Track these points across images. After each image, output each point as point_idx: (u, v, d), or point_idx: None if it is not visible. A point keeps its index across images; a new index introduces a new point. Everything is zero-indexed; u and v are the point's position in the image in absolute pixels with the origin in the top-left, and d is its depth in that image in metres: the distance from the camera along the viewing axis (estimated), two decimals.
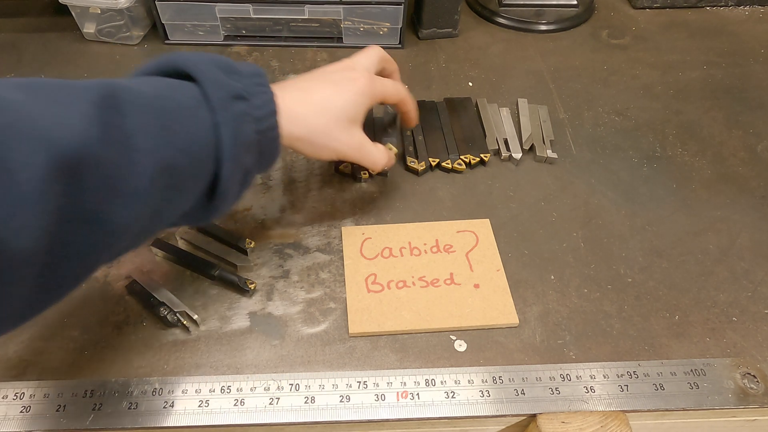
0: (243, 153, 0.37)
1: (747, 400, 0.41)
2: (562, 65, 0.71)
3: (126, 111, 0.32)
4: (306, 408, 0.40)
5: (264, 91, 0.39)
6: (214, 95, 0.36)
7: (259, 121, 0.38)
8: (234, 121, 0.36)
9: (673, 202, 0.55)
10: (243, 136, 0.37)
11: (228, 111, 0.36)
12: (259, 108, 0.38)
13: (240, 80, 0.38)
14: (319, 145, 0.44)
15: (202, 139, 0.35)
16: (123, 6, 0.67)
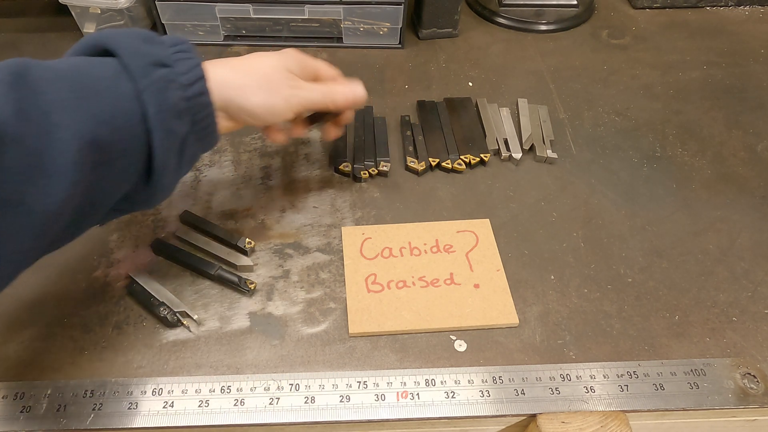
0: (172, 120, 0.36)
1: (747, 400, 0.41)
2: (562, 65, 0.71)
3: (41, 88, 0.31)
4: (306, 408, 0.40)
5: (189, 58, 0.38)
6: (133, 63, 0.35)
7: (186, 87, 0.37)
8: (157, 88, 0.35)
9: (673, 202, 0.55)
10: (169, 102, 0.35)
11: (149, 77, 0.35)
12: (184, 74, 0.37)
13: (162, 49, 0.37)
14: (260, 99, 0.42)
15: (126, 110, 0.34)
16: (123, 6, 0.67)
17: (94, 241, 0.51)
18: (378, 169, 0.57)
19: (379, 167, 0.57)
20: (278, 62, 0.44)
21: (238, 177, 0.57)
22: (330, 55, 0.72)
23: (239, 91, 0.41)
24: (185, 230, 0.51)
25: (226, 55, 0.72)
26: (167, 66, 0.36)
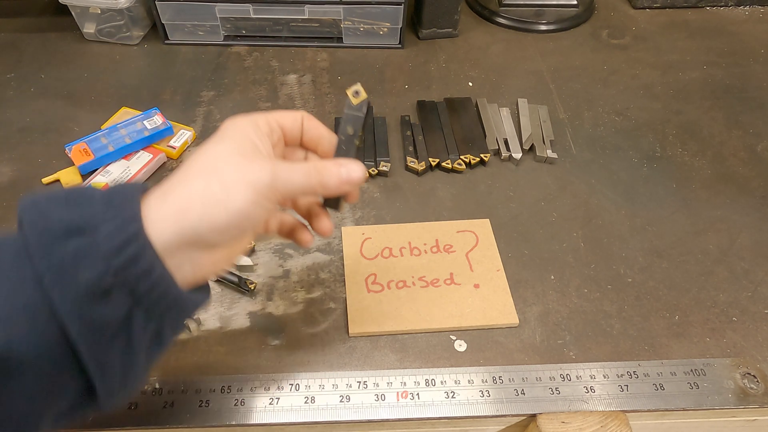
0: (93, 306, 0.26)
1: (747, 400, 0.41)
2: (562, 65, 0.71)
3: None
4: (306, 408, 0.40)
5: (117, 215, 0.27)
6: (33, 238, 0.26)
7: (112, 255, 0.26)
8: (61, 267, 0.26)
9: (673, 202, 0.55)
10: (82, 283, 0.26)
11: (52, 255, 0.26)
12: (108, 238, 0.26)
13: (83, 208, 0.27)
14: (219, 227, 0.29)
15: (26, 302, 0.25)
16: (123, 6, 0.67)
17: None
18: (378, 169, 0.57)
19: (379, 167, 0.57)
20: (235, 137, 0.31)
21: None
22: (330, 54, 0.72)
23: (193, 217, 0.28)
24: None
25: (226, 55, 0.72)
26: (84, 231, 0.27)
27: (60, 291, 0.26)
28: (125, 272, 0.27)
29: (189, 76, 0.68)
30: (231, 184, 0.29)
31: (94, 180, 0.54)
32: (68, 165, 0.56)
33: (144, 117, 0.59)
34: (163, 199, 0.29)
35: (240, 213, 0.29)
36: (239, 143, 0.31)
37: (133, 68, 0.70)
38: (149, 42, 0.73)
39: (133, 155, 0.57)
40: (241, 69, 0.70)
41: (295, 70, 0.70)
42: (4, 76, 0.68)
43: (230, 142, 0.31)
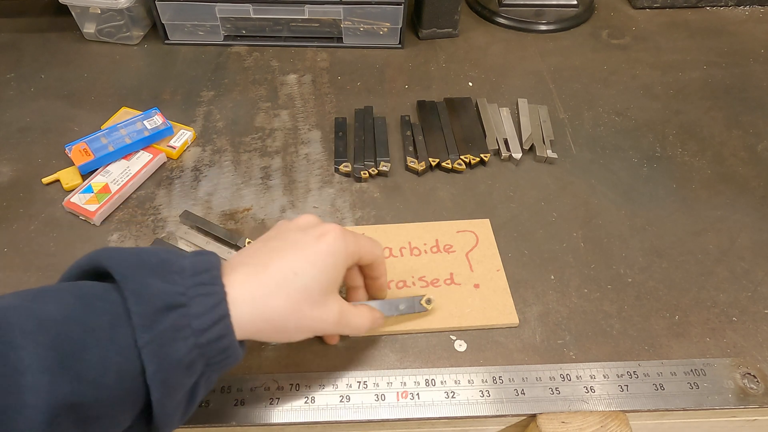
0: (178, 375, 0.30)
1: (747, 400, 0.41)
2: (562, 65, 0.71)
3: (16, 344, 0.27)
4: (306, 408, 0.40)
5: (208, 293, 0.31)
6: (136, 309, 0.29)
7: (201, 333, 0.31)
8: (162, 341, 0.29)
9: (673, 202, 0.55)
10: (175, 356, 0.30)
11: (154, 329, 0.29)
12: (200, 316, 0.31)
13: (176, 285, 0.31)
14: (288, 331, 0.35)
15: (120, 366, 0.29)
16: (123, 6, 0.67)
17: (94, 242, 0.51)
18: (378, 169, 0.57)
19: (379, 167, 0.57)
20: (324, 267, 0.35)
21: (238, 177, 0.57)
22: (330, 55, 0.72)
23: (264, 335, 0.34)
24: (185, 230, 0.51)
25: (226, 55, 0.72)
26: (180, 307, 0.30)
27: (156, 362, 0.29)
28: (209, 347, 0.31)
29: (189, 76, 0.68)
30: (304, 328, 0.36)
31: (94, 180, 0.54)
32: (68, 165, 0.56)
33: (144, 117, 0.59)
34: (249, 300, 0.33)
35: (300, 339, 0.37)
36: (324, 280, 0.35)
37: (133, 68, 0.70)
38: (149, 42, 0.73)
39: (133, 155, 0.57)
40: (241, 69, 0.70)
41: (295, 70, 0.70)
42: (4, 76, 0.68)
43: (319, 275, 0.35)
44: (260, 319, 0.33)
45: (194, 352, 0.30)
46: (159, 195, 0.55)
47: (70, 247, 0.50)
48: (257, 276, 0.34)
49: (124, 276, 0.30)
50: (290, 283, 0.34)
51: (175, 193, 0.55)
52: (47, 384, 0.26)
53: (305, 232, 0.37)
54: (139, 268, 0.31)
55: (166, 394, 0.30)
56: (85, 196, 0.53)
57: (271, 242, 0.37)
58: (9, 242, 0.51)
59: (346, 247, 0.37)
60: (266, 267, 0.34)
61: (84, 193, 0.53)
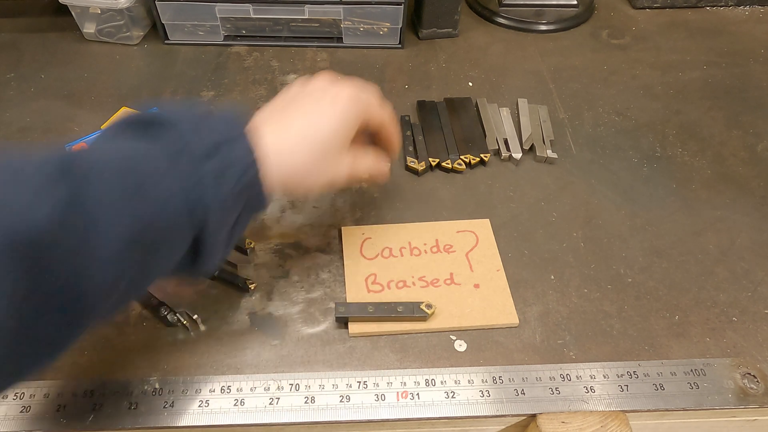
0: (224, 212, 0.35)
1: (747, 400, 0.41)
2: (562, 65, 0.71)
3: (90, 181, 0.29)
4: (306, 408, 0.40)
5: (242, 139, 0.36)
6: (183, 157, 0.33)
7: (243, 172, 0.35)
8: (207, 183, 0.33)
9: (673, 202, 0.55)
10: (225, 189, 0.34)
11: (199, 173, 0.33)
12: (237, 161, 0.35)
13: (214, 132, 0.35)
14: (307, 183, 0.40)
15: (177, 204, 0.32)
16: (123, 6, 0.67)
17: None
18: None
19: None
20: (340, 125, 0.41)
21: None
22: (330, 54, 0.72)
23: (291, 183, 0.40)
24: None
25: (226, 55, 0.72)
26: (227, 147, 0.35)
27: (212, 192, 0.33)
28: (247, 187, 0.36)
29: (189, 76, 0.68)
30: (321, 180, 0.41)
31: None
32: None
33: None
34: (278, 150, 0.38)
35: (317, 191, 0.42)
36: (343, 133, 0.41)
37: (133, 68, 0.70)
38: (149, 42, 0.73)
39: None
40: (241, 69, 0.70)
41: (295, 70, 0.70)
42: (4, 76, 0.68)
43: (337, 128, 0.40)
44: (285, 171, 0.38)
45: (237, 188, 0.35)
46: None
47: None
48: (282, 133, 0.38)
49: (182, 118, 0.35)
50: (311, 141, 0.39)
51: None
52: (118, 216, 0.30)
53: (323, 93, 0.41)
54: (192, 114, 0.36)
55: (216, 225, 0.34)
56: None
57: (292, 103, 0.41)
58: None
59: (358, 105, 0.42)
60: (290, 126, 0.39)
61: None
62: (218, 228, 0.35)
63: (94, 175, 0.30)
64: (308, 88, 0.42)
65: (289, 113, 0.40)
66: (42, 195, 0.28)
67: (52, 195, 0.28)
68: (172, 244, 0.34)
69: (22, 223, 0.27)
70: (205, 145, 0.34)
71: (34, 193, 0.28)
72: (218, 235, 0.35)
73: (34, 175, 0.28)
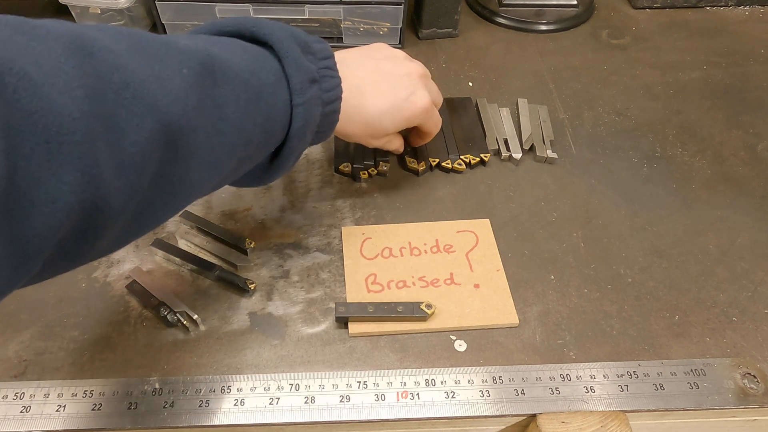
0: (308, 132, 0.40)
1: (747, 400, 0.41)
2: (562, 65, 0.71)
3: (221, 82, 0.33)
4: (306, 408, 0.40)
5: (333, 75, 0.41)
6: (294, 77, 0.37)
7: (326, 105, 0.40)
8: (307, 104, 0.38)
9: (673, 202, 0.55)
10: (311, 118, 0.39)
11: (304, 94, 0.38)
12: (327, 92, 0.40)
13: (314, 62, 0.40)
14: (353, 138, 0.48)
15: (278, 117, 0.37)
16: (123, 6, 0.67)
17: None
18: (378, 169, 0.57)
19: (378, 167, 0.57)
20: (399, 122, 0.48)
21: None
22: None
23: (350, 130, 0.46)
24: (186, 230, 0.51)
25: None
26: (317, 82, 0.39)
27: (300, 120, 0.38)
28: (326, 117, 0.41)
29: None
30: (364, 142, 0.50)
31: None
32: None
33: None
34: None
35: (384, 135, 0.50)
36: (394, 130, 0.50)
37: None
38: None
39: None
40: None
41: None
42: None
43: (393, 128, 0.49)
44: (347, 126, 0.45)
45: (319, 118, 0.40)
46: None
47: None
48: (354, 100, 0.44)
49: (282, 46, 0.38)
50: (372, 124, 0.47)
51: None
52: (238, 119, 0.34)
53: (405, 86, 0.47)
54: (292, 44, 0.38)
55: (297, 144, 0.40)
56: None
57: (372, 74, 0.47)
58: None
59: (422, 118, 0.49)
60: (364, 100, 0.45)
61: None
62: (298, 145, 0.40)
63: (226, 77, 0.33)
64: (390, 65, 0.48)
65: (367, 86, 0.46)
66: (189, 86, 0.31)
67: (196, 87, 0.31)
68: (265, 151, 0.39)
69: (176, 107, 0.30)
70: (310, 73, 0.38)
71: (183, 83, 0.31)
72: (296, 151, 0.40)
73: (182, 64, 0.31)
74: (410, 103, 0.47)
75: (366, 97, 0.45)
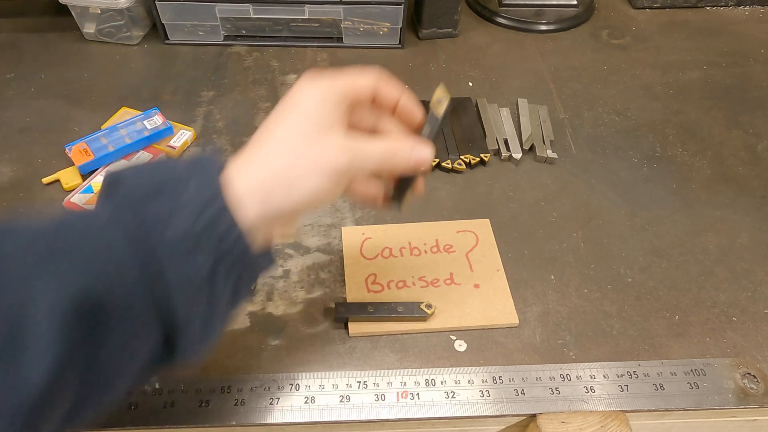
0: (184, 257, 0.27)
1: (747, 400, 0.41)
2: (562, 65, 0.71)
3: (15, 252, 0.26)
4: (306, 408, 0.40)
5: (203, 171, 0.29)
6: (123, 202, 0.28)
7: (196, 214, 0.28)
8: (149, 226, 0.27)
9: (673, 202, 0.55)
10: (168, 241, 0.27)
11: (139, 215, 0.27)
12: (193, 197, 0.28)
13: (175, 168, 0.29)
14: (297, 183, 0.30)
15: (119, 260, 0.27)
16: (123, 6, 0.67)
17: None
18: None
19: None
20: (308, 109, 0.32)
21: None
22: (330, 55, 0.72)
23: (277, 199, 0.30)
24: None
25: (226, 55, 0.72)
26: (172, 191, 0.28)
27: (145, 249, 0.27)
28: (210, 229, 0.28)
29: (189, 76, 0.68)
30: (311, 169, 0.31)
31: (95, 180, 0.54)
32: (68, 165, 0.56)
33: (144, 117, 0.59)
34: (246, 169, 0.30)
35: (319, 196, 0.31)
36: (314, 116, 0.32)
37: (133, 68, 0.70)
38: (149, 42, 0.73)
39: (133, 155, 0.57)
40: (241, 69, 0.70)
41: (295, 70, 0.70)
42: (4, 76, 0.68)
43: (304, 114, 0.32)
44: (264, 181, 0.30)
45: (192, 236, 0.27)
46: None
47: None
48: (255, 161, 0.31)
49: (112, 180, 0.29)
50: (279, 136, 0.31)
51: None
52: (51, 283, 0.25)
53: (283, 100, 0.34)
54: (129, 171, 0.30)
55: (177, 283, 0.27)
56: (86, 196, 0.53)
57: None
58: None
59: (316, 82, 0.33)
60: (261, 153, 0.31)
61: (84, 193, 0.53)
62: (179, 288, 0.28)
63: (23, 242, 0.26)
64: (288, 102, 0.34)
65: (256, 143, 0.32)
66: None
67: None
68: (128, 315, 0.27)
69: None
70: (152, 184, 0.28)
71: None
72: (186, 299, 0.28)
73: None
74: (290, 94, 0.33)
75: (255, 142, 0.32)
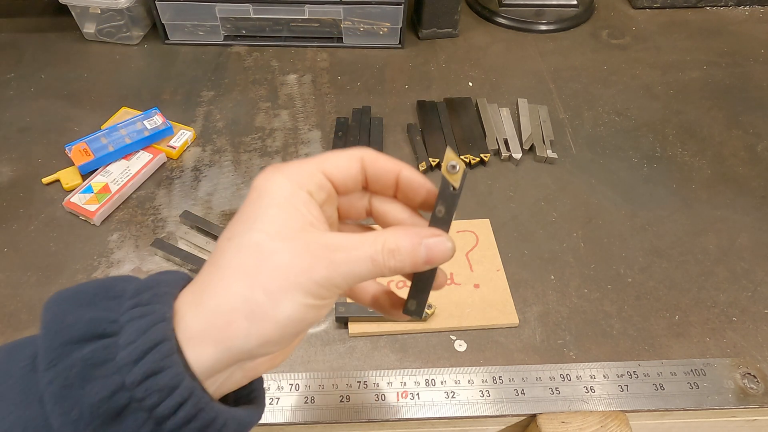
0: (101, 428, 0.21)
1: (747, 400, 0.41)
2: (562, 65, 0.71)
3: None
4: (306, 408, 0.40)
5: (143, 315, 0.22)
6: (43, 344, 0.22)
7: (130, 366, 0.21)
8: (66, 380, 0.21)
9: (673, 202, 0.55)
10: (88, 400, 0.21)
11: (59, 365, 0.21)
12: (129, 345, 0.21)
13: (113, 308, 0.23)
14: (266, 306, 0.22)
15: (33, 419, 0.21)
16: (123, 6, 0.67)
17: (94, 241, 0.51)
18: None
19: None
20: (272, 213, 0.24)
21: (238, 177, 0.57)
22: (330, 55, 0.72)
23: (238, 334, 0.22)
24: (185, 230, 0.51)
25: (226, 55, 0.72)
26: (104, 337, 0.22)
27: (60, 410, 0.21)
28: (144, 386, 0.21)
29: (189, 76, 0.68)
30: (278, 292, 0.23)
31: (94, 180, 0.54)
32: (68, 165, 0.56)
33: (144, 117, 0.59)
34: (199, 302, 0.23)
35: (293, 322, 0.23)
36: (279, 223, 0.24)
37: (133, 68, 0.70)
38: (149, 42, 0.73)
39: (133, 155, 0.57)
40: (241, 69, 0.70)
41: (295, 70, 0.70)
42: (4, 76, 0.68)
43: (269, 222, 0.24)
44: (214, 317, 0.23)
45: (122, 396, 0.21)
46: (159, 195, 0.55)
47: (70, 247, 0.50)
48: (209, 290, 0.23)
49: (45, 307, 0.23)
50: (234, 250, 0.24)
51: (175, 193, 0.55)
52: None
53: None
54: (67, 300, 0.23)
55: None
56: (85, 196, 0.53)
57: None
58: (9, 242, 0.51)
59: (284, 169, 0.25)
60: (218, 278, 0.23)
61: (84, 193, 0.53)
62: None
63: None
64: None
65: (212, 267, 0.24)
66: None
67: None
68: None
69: None
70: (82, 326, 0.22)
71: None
72: None
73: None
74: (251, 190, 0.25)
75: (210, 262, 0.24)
